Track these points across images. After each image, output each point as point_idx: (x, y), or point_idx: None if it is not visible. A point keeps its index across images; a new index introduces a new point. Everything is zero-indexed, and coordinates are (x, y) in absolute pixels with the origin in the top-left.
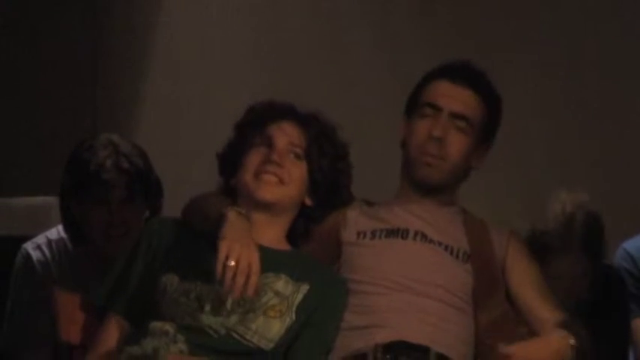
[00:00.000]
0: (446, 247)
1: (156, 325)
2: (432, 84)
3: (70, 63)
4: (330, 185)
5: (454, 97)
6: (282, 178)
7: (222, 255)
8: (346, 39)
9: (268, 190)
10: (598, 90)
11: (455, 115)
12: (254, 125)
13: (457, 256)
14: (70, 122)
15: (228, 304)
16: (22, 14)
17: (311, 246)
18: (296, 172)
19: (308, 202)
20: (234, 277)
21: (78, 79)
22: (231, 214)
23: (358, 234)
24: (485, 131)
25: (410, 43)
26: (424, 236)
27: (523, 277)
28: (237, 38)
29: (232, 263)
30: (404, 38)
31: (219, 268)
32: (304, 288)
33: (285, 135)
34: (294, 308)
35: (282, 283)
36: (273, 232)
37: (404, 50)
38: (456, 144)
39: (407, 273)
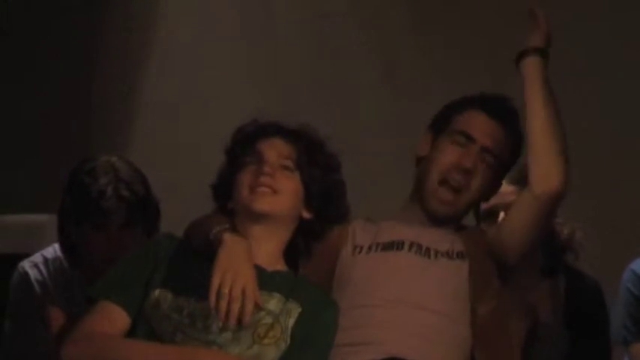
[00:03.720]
0: (436, 253)
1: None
2: (469, 113)
3: (64, 82)
4: (324, 196)
5: (489, 133)
6: (274, 188)
7: (215, 282)
8: (341, 52)
9: (264, 201)
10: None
11: (486, 150)
12: (243, 146)
13: (451, 257)
14: (65, 139)
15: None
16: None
17: (312, 263)
18: (288, 184)
19: (306, 215)
20: (228, 305)
21: (73, 98)
22: (227, 237)
23: (355, 248)
24: (503, 169)
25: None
26: (419, 247)
27: None
28: (232, 52)
29: (225, 290)
30: (398, 53)
31: (211, 296)
32: (296, 311)
33: (274, 149)
34: (288, 332)
35: (274, 302)
36: (269, 248)
37: (398, 64)
38: (481, 178)
39: (400, 286)
